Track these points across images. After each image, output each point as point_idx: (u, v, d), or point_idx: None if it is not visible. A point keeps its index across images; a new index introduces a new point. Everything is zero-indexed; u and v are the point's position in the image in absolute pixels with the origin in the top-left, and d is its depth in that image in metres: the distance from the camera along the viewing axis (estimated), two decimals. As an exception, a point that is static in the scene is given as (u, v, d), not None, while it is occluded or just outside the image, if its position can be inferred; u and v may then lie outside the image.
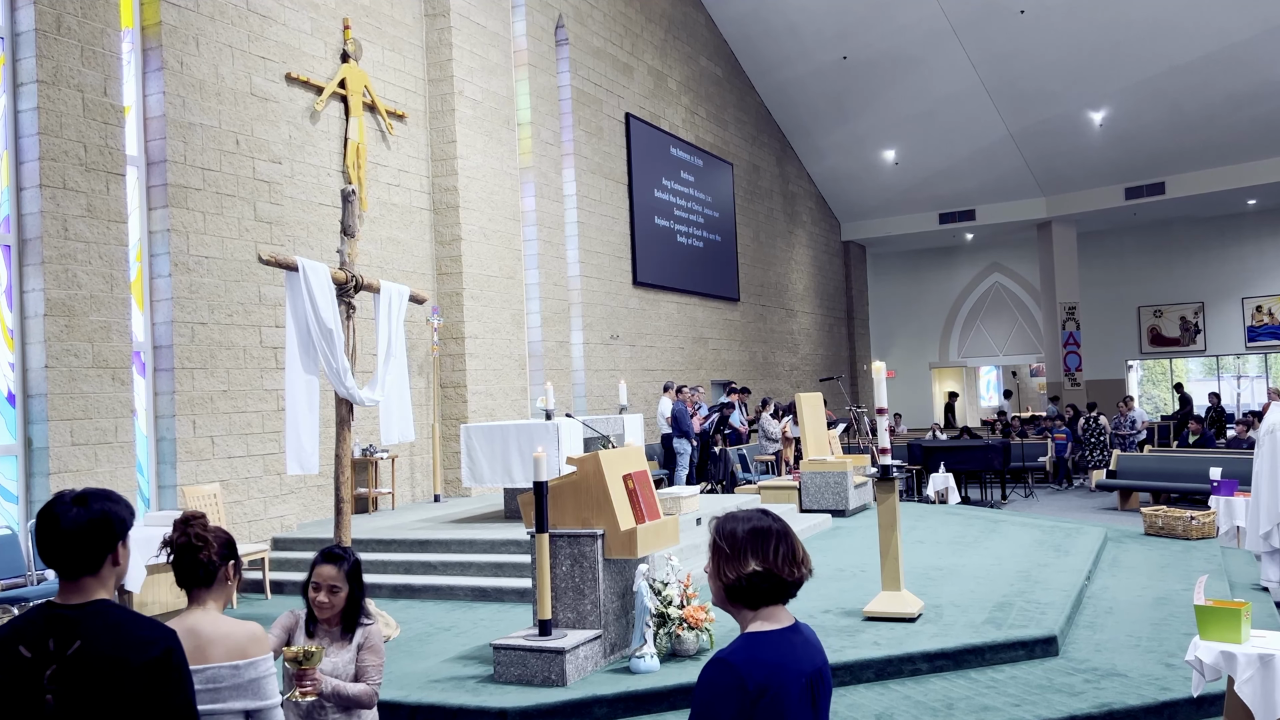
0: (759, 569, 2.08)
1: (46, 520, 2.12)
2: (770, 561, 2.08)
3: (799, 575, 2.11)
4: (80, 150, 7.80)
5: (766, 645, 2.04)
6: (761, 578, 2.08)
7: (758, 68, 21.19)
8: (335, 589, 3.31)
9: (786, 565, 2.10)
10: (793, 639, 2.09)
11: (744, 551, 2.10)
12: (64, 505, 2.13)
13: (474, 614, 7.17)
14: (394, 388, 6.90)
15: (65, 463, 7.53)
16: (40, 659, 2.06)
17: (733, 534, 2.14)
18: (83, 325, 7.74)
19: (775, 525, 2.14)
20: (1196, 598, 4.43)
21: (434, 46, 12.18)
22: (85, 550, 2.12)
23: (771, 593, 2.10)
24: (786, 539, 2.13)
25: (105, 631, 2.08)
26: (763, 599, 2.10)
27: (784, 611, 2.14)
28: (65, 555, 2.11)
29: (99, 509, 2.13)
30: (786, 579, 2.09)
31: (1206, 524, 9.55)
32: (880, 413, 6.70)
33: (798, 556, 2.12)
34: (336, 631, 3.34)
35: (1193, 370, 30.25)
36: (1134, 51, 18.38)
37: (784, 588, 2.10)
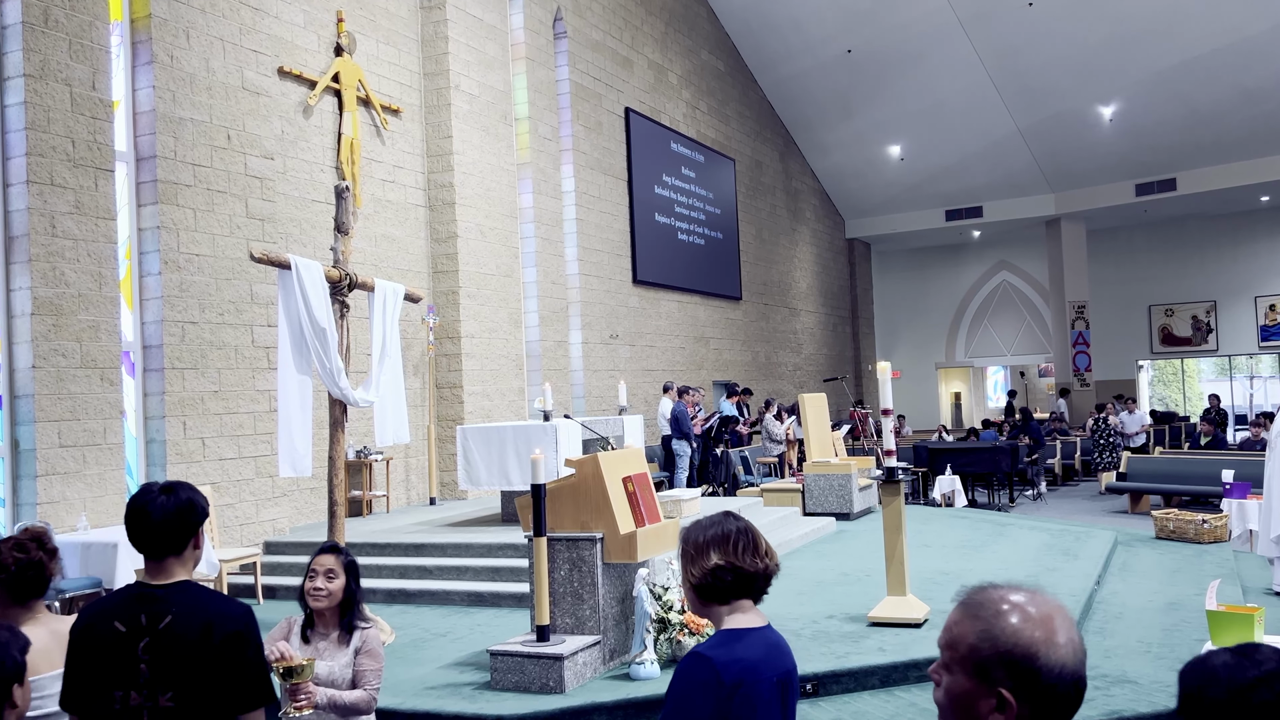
0: (721, 562, 2.16)
1: (138, 508, 2.48)
2: (732, 554, 2.17)
3: (761, 566, 2.19)
4: (68, 145, 7.80)
5: (742, 642, 2.11)
6: (725, 570, 2.16)
7: (760, 61, 21.19)
8: (333, 574, 3.33)
9: (748, 556, 2.18)
10: (769, 638, 2.17)
11: (706, 548, 2.20)
12: (153, 495, 2.49)
13: (470, 619, 7.17)
14: (389, 388, 6.89)
15: (53, 465, 7.53)
16: (134, 632, 2.39)
17: (696, 537, 2.24)
18: (71, 324, 7.74)
19: (736, 524, 2.23)
20: (1208, 603, 4.43)
21: (429, 40, 12.18)
22: (172, 535, 2.46)
23: (738, 586, 2.17)
24: (747, 534, 2.22)
25: (191, 607, 2.41)
26: (731, 593, 2.18)
27: (756, 612, 2.21)
28: (154, 539, 2.46)
29: (185, 498, 2.50)
30: (749, 570, 2.17)
31: (1218, 527, 9.54)
32: (885, 414, 6.69)
33: (759, 549, 2.20)
34: (334, 634, 3.34)
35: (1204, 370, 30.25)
36: (1145, 45, 18.38)
37: (749, 579, 2.18)
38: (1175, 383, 29.45)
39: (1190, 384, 28.87)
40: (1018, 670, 1.39)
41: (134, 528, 2.48)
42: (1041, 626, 1.40)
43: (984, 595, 1.47)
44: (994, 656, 1.40)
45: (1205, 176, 21.43)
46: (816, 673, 5.40)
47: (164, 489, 2.50)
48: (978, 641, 1.42)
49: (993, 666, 1.40)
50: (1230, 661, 1.43)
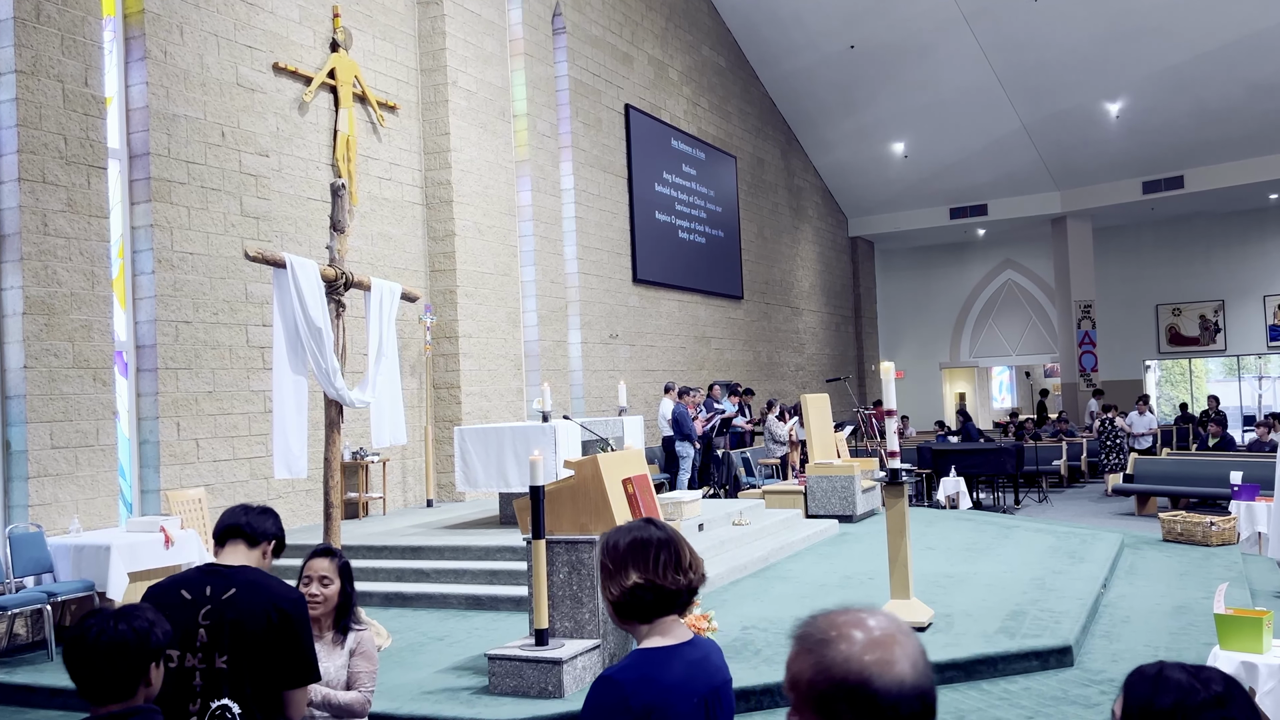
0: (640, 580, 2.06)
1: (233, 511, 2.97)
2: (652, 571, 2.07)
3: (684, 583, 2.09)
4: (60, 143, 7.80)
5: (656, 662, 2.02)
6: (644, 589, 2.06)
7: (762, 57, 21.19)
8: (326, 580, 3.34)
9: (669, 573, 2.07)
10: (688, 655, 2.07)
11: (625, 564, 2.09)
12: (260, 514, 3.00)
13: (468, 623, 7.17)
14: (385, 389, 6.90)
15: (45, 466, 7.53)
16: (197, 600, 2.73)
17: (615, 547, 2.13)
18: (63, 324, 7.74)
19: (658, 534, 2.12)
20: (1216, 606, 4.43)
21: (427, 35, 12.18)
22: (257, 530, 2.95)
23: (658, 604, 2.08)
24: (669, 546, 2.11)
25: (253, 585, 2.76)
26: (651, 612, 2.08)
27: (679, 626, 2.12)
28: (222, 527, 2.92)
29: (274, 517, 3.04)
30: (670, 588, 2.07)
31: (1227, 530, 9.54)
32: (889, 414, 6.69)
33: (683, 563, 2.10)
34: (329, 636, 3.35)
35: (1212, 371, 30.25)
36: (1152, 40, 18.38)
37: (669, 597, 2.08)
38: (1183, 383, 29.45)
39: (1198, 384, 28.87)
40: (856, 699, 1.33)
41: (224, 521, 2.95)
42: (873, 648, 1.35)
43: (812, 626, 1.40)
44: (831, 689, 1.34)
45: (1214, 174, 21.43)
46: (819, 677, 5.39)
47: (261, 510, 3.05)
48: (814, 676, 1.36)
49: (833, 700, 1.34)
50: (1184, 681, 1.48)
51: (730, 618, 6.78)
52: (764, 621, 6.72)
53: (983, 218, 24.69)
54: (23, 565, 7.11)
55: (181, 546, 7.50)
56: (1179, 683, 1.48)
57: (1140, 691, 1.51)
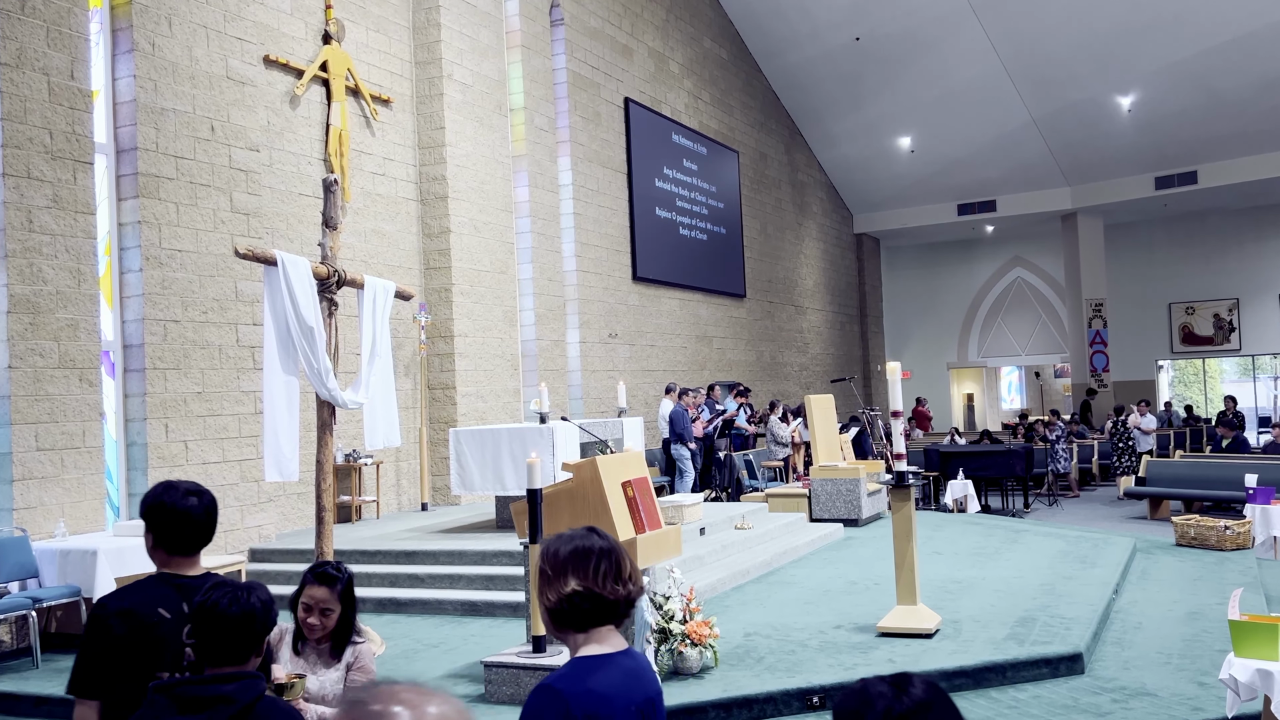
0: (579, 588, 2.09)
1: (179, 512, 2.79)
2: (591, 580, 2.10)
3: (623, 593, 2.12)
4: (45, 137, 7.80)
5: (596, 671, 2.05)
6: (582, 597, 2.09)
7: (765, 49, 21.19)
8: (327, 611, 3.31)
9: (608, 583, 2.10)
10: (625, 665, 2.10)
11: (564, 571, 2.11)
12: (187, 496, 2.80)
13: (464, 629, 7.17)
14: (379, 389, 6.90)
15: (30, 469, 7.53)
16: (177, 618, 2.69)
17: (555, 554, 2.15)
18: (48, 323, 7.74)
19: (600, 543, 2.16)
20: (1231, 612, 4.43)
21: (421, 27, 12.18)
22: (209, 531, 2.83)
23: (595, 613, 2.11)
24: (610, 556, 2.14)
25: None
26: (588, 620, 2.11)
27: (615, 635, 2.15)
28: (195, 536, 2.80)
29: (211, 498, 2.87)
30: (609, 597, 2.10)
31: (1241, 534, 9.55)
32: (895, 416, 6.69)
33: (622, 573, 2.13)
34: (326, 650, 3.35)
35: (1226, 371, 30.25)
36: (1164, 32, 18.38)
37: (608, 607, 2.11)
38: (1196, 383, 29.46)
39: (1212, 385, 28.87)
40: None
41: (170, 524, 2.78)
42: None
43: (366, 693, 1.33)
44: None
45: (1227, 169, 21.43)
46: (824, 685, 5.41)
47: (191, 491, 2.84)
48: None
49: None
50: (887, 692, 1.55)
51: (732, 624, 6.79)
52: (767, 628, 6.72)
53: (991, 214, 24.70)
54: (7, 570, 7.11)
55: (170, 551, 7.49)
56: (883, 693, 1.55)
57: (849, 707, 1.56)
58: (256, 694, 2.38)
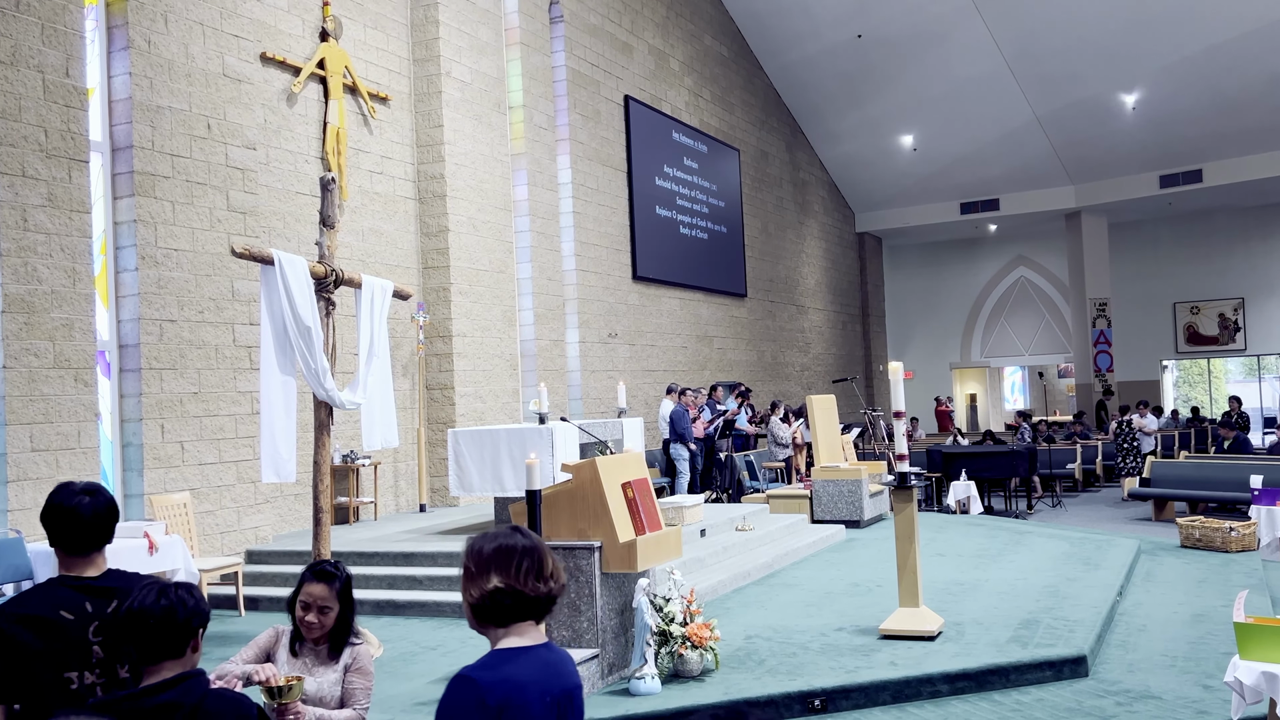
0: (500, 585, 2.19)
1: (67, 509, 2.80)
2: (513, 577, 2.19)
3: (544, 590, 2.21)
4: (40, 135, 7.80)
5: (512, 662, 2.15)
6: (504, 594, 2.18)
7: (766, 47, 21.20)
8: (326, 609, 3.31)
9: (529, 580, 2.19)
10: (544, 657, 2.20)
11: (488, 568, 2.21)
12: (78, 495, 2.82)
13: (462, 632, 7.17)
14: (377, 390, 6.90)
15: (25, 470, 7.53)
16: (81, 619, 2.74)
17: (479, 552, 2.24)
18: (43, 323, 7.74)
19: (523, 542, 2.25)
20: (1236, 614, 4.43)
21: (419, 24, 12.18)
22: (102, 531, 2.84)
23: (516, 609, 2.20)
24: (533, 555, 2.23)
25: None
26: (509, 616, 2.20)
27: (535, 630, 2.23)
28: (87, 536, 2.80)
29: (107, 499, 2.87)
30: (530, 594, 2.19)
31: (1247, 535, 9.55)
32: (898, 416, 6.70)
33: (544, 571, 2.22)
34: (324, 650, 3.35)
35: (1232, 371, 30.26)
36: (1169, 29, 18.38)
37: (529, 604, 2.20)
38: (1201, 384, 29.47)
39: (1217, 385, 28.88)
40: None
41: (61, 523, 2.80)
42: None
43: None
44: None
45: (1233, 167, 21.43)
46: (825, 688, 5.41)
47: (86, 490, 2.86)
48: None
49: None
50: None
51: (733, 626, 6.79)
52: (768, 630, 6.72)
53: (994, 213, 24.70)
54: (2, 573, 7.11)
55: (166, 552, 7.50)
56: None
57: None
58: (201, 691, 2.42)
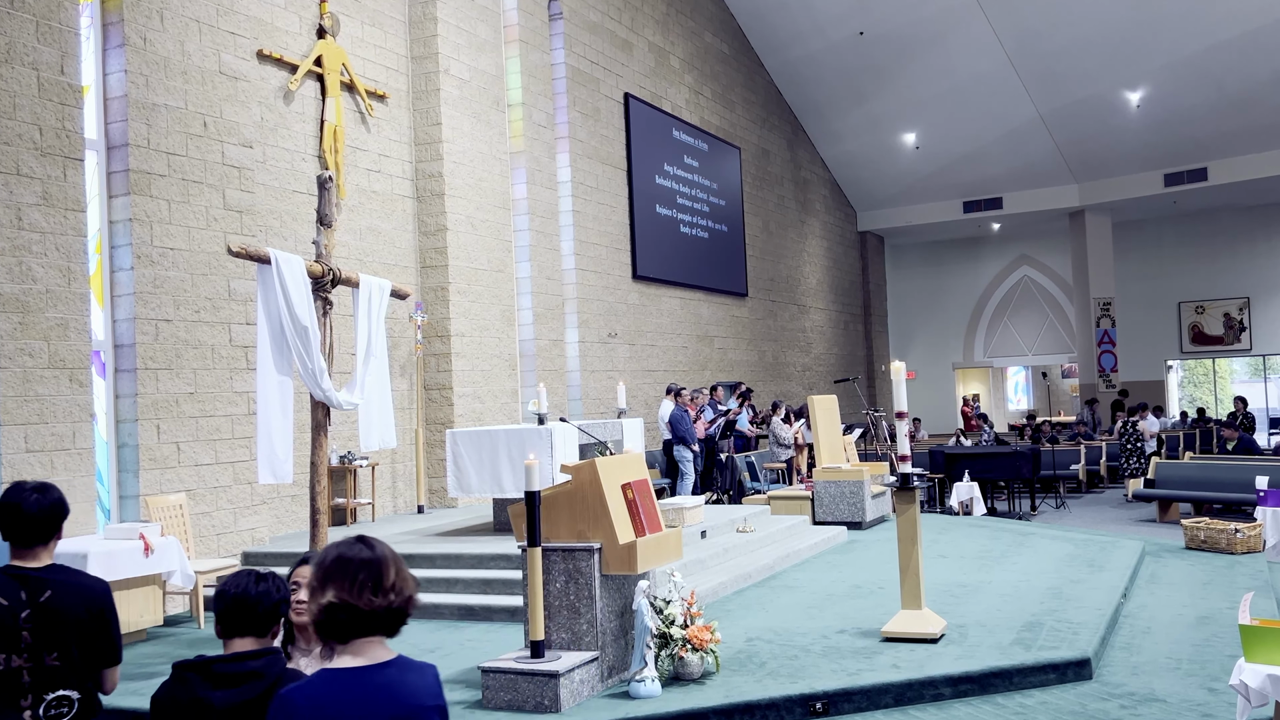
0: (335, 599, 2.12)
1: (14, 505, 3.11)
2: (348, 590, 2.12)
3: (380, 604, 2.13)
4: (35, 133, 7.80)
5: (336, 683, 2.09)
6: (338, 609, 2.12)
7: (767, 44, 21.20)
8: None
9: (365, 594, 2.12)
10: (379, 678, 2.12)
11: (326, 582, 2.14)
12: (26, 492, 3.14)
13: (461, 634, 7.17)
14: (374, 390, 6.90)
15: (19, 470, 7.53)
16: (13, 605, 3.05)
17: (320, 564, 2.18)
18: (38, 322, 7.74)
19: (364, 554, 2.17)
20: (1241, 617, 4.43)
21: (417, 21, 12.18)
22: (48, 527, 3.16)
23: (353, 625, 2.13)
24: (372, 567, 2.15)
25: (67, 586, 3.16)
26: (346, 632, 2.14)
27: (379, 646, 2.17)
28: (32, 531, 3.13)
29: (56, 497, 3.19)
30: (364, 609, 2.12)
31: (1252, 537, 9.55)
32: (900, 417, 6.70)
33: (383, 584, 2.14)
34: (317, 650, 3.34)
35: (1237, 371, 30.27)
36: (1174, 27, 18.38)
37: (364, 619, 2.13)
38: (1206, 384, 29.47)
39: (1222, 385, 28.89)
40: None
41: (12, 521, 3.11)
42: None
43: None
44: None
45: (1238, 165, 21.43)
46: (827, 691, 5.41)
47: (36, 488, 3.16)
48: None
49: None
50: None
51: (734, 629, 6.79)
52: (769, 633, 6.72)
53: (997, 211, 24.70)
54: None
55: (161, 554, 7.50)
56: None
57: None
58: (281, 667, 2.67)
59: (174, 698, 2.63)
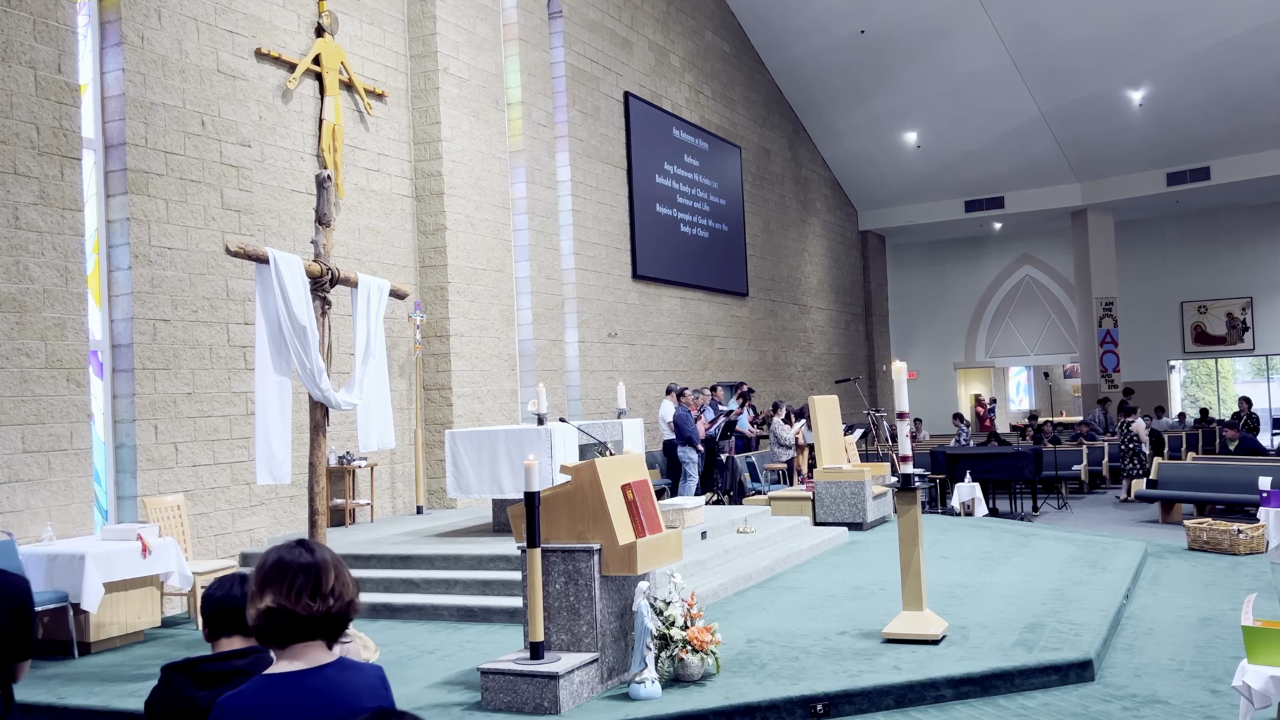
0: (272, 604, 2.11)
1: None
2: (285, 595, 2.11)
3: (318, 609, 2.12)
4: (32, 132, 7.80)
5: (273, 690, 2.08)
6: (275, 613, 2.11)
7: (768, 42, 21.20)
8: None
9: (303, 599, 2.11)
10: (319, 683, 2.11)
11: (264, 587, 2.13)
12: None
13: (460, 635, 7.18)
14: (373, 390, 6.90)
15: (16, 471, 7.54)
16: None
17: (260, 568, 2.18)
18: (35, 322, 7.74)
19: (303, 558, 2.17)
20: (1244, 618, 4.43)
21: (416, 20, 12.19)
22: None
23: (290, 629, 2.12)
24: (310, 571, 2.14)
25: None
26: (285, 636, 2.13)
27: (317, 650, 2.15)
28: None
29: None
30: (301, 614, 2.11)
31: (1255, 538, 9.55)
32: (901, 417, 6.70)
33: (321, 589, 2.13)
34: None
35: (1240, 371, 30.27)
36: (1177, 25, 18.37)
37: (301, 623, 2.12)
38: (1209, 384, 29.48)
39: (1225, 385, 28.89)
40: None
41: None
42: None
43: None
44: None
45: (1241, 165, 21.42)
46: (828, 692, 5.41)
47: None
48: None
49: None
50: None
51: (735, 630, 6.79)
52: (770, 634, 6.72)
53: (999, 211, 24.70)
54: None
55: (159, 555, 7.51)
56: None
57: None
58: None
59: (163, 700, 2.65)
